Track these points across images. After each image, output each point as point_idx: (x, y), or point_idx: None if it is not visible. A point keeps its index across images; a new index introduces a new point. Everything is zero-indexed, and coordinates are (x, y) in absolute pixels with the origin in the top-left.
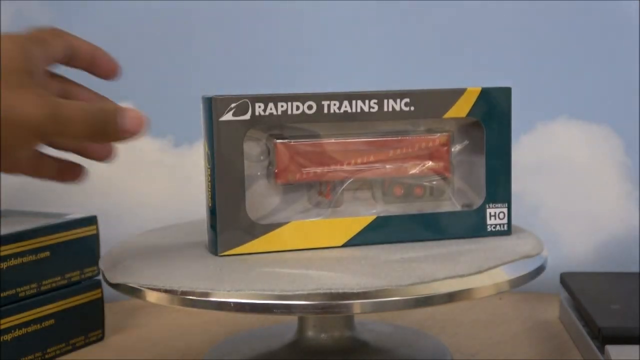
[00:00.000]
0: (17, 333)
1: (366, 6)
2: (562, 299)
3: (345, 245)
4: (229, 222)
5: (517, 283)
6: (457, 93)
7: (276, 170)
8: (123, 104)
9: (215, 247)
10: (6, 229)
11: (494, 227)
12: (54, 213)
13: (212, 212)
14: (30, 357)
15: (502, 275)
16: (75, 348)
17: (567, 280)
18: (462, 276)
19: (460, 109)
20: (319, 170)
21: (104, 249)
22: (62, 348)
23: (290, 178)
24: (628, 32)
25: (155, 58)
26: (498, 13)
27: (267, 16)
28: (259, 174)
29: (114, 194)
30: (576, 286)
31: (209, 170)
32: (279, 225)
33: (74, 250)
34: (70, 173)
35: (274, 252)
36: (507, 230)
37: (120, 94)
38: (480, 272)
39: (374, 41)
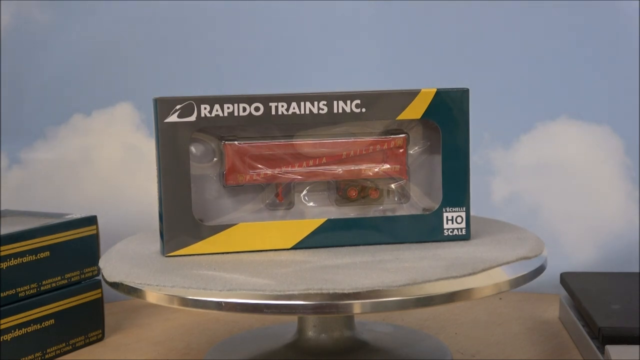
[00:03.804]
0: (17, 333)
1: (367, 7)
2: (562, 299)
3: (294, 248)
4: (174, 223)
5: (517, 283)
6: (411, 94)
7: (225, 172)
8: (123, 104)
9: (162, 247)
10: (6, 229)
11: (450, 232)
12: (54, 213)
13: (159, 213)
14: (30, 357)
15: (502, 275)
16: (75, 348)
17: (567, 280)
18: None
19: (415, 111)
20: (269, 172)
21: (104, 249)
22: (62, 348)
23: (239, 179)
24: (628, 32)
25: (155, 58)
26: (498, 13)
27: (268, 16)
28: (211, 175)
29: (114, 194)
30: (576, 286)
31: (157, 171)
32: (227, 226)
33: (74, 250)
34: None
35: (221, 254)
36: (465, 235)
37: (121, 94)
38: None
39: (376, 41)
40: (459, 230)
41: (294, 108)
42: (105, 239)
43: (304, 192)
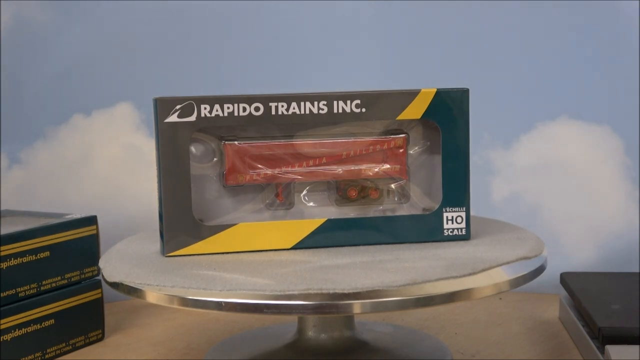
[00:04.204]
0: (17, 333)
1: (367, 7)
2: (562, 299)
3: (294, 248)
4: (174, 223)
5: (517, 283)
6: (411, 94)
7: (225, 172)
8: (123, 104)
9: (162, 247)
10: (6, 229)
11: (450, 232)
12: (54, 213)
13: (159, 213)
14: (30, 357)
15: (502, 275)
16: (75, 348)
17: (567, 280)
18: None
19: (415, 111)
20: (269, 172)
21: (104, 249)
22: (62, 348)
23: (239, 179)
24: (628, 32)
25: (155, 58)
26: (498, 13)
27: (268, 16)
28: (211, 175)
29: (114, 194)
30: (576, 286)
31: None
32: (227, 226)
33: (74, 250)
34: None
35: (221, 254)
36: (465, 235)
37: (121, 94)
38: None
39: (376, 41)
40: (459, 230)
41: (294, 108)
42: (105, 239)
43: (304, 192)
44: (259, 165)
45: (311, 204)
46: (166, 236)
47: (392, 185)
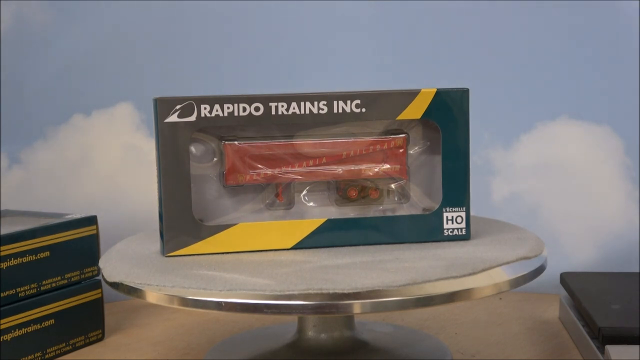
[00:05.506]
0: (17, 333)
1: (367, 7)
2: (562, 299)
3: (294, 248)
4: (174, 223)
5: (517, 283)
6: (411, 94)
7: (225, 172)
8: (123, 104)
9: (162, 247)
10: (6, 229)
11: (451, 232)
12: (54, 213)
13: (159, 213)
14: (30, 357)
15: (502, 275)
16: (75, 348)
17: (567, 280)
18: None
19: (415, 111)
20: (269, 172)
21: (104, 249)
22: (62, 348)
23: (239, 179)
24: (628, 32)
25: (155, 58)
26: (498, 13)
27: (268, 16)
28: (211, 175)
29: (114, 194)
30: (576, 286)
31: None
32: (227, 226)
33: (74, 250)
34: None
35: (221, 254)
36: (465, 235)
37: (121, 94)
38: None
39: (376, 41)
40: (459, 230)
41: (294, 108)
42: (105, 239)
43: (304, 192)
44: (259, 165)
45: (311, 204)
46: (166, 236)
47: (392, 185)
